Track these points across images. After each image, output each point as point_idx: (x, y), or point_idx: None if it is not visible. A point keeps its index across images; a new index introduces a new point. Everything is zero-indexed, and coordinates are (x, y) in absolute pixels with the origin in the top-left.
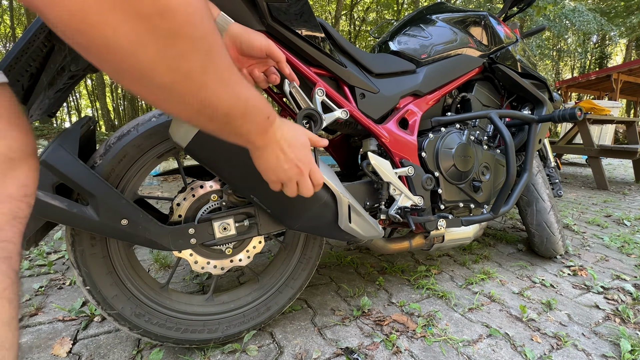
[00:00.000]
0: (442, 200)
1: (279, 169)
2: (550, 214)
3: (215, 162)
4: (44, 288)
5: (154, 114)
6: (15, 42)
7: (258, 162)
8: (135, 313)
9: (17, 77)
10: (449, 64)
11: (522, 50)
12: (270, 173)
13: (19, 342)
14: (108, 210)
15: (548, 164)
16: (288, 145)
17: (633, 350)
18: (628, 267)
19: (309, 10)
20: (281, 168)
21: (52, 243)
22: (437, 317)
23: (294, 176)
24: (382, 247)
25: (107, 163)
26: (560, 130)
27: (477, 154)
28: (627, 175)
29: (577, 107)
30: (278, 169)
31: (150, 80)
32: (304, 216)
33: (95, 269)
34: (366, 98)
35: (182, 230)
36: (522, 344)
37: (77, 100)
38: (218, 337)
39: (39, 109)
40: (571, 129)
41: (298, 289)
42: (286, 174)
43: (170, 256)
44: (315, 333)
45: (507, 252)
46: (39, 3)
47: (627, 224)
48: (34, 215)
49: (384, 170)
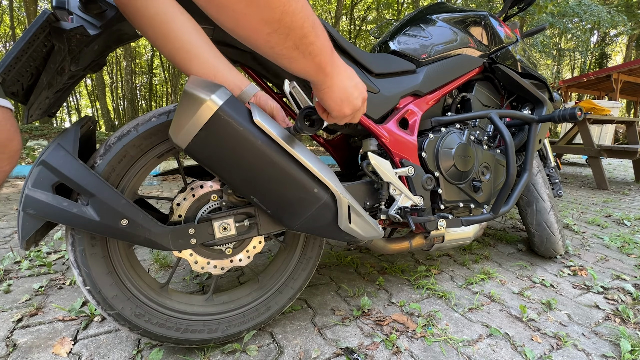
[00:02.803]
0: (442, 200)
1: (352, 98)
2: (550, 214)
3: (215, 163)
4: (44, 288)
5: (153, 114)
6: (15, 42)
7: (330, 94)
8: (135, 313)
9: (17, 77)
10: (449, 64)
11: (522, 50)
12: (345, 104)
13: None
14: (108, 210)
15: (548, 164)
16: (350, 71)
17: (633, 350)
18: (628, 267)
19: None
20: (353, 96)
21: (52, 243)
22: (437, 317)
23: (361, 104)
24: (382, 247)
25: (107, 163)
26: (560, 130)
27: (477, 154)
28: (627, 175)
29: (577, 107)
30: (351, 98)
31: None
32: (303, 216)
33: (95, 269)
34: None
35: (182, 230)
36: (522, 344)
37: (77, 100)
38: (218, 337)
39: (39, 109)
40: (571, 129)
41: (298, 289)
42: (357, 102)
43: (170, 256)
44: (315, 333)
45: (507, 252)
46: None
47: (627, 224)
48: (34, 215)
49: (384, 170)
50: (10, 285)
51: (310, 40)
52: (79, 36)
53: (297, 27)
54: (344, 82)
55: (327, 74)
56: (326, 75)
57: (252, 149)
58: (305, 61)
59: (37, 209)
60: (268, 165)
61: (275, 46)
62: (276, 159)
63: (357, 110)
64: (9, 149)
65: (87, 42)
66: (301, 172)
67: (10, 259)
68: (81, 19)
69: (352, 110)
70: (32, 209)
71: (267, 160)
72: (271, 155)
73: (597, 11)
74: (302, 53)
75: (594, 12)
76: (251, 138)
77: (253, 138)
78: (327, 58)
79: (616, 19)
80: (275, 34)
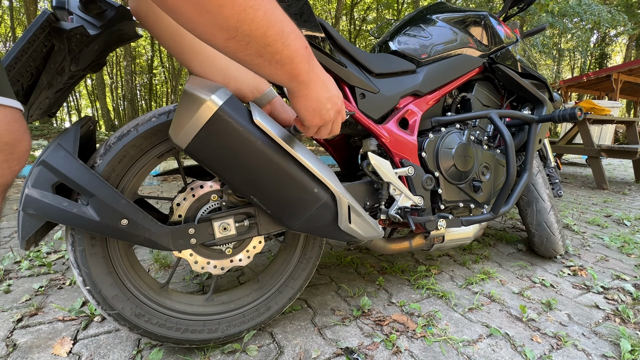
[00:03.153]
0: (442, 200)
1: (324, 109)
2: (550, 214)
3: (215, 163)
4: (44, 288)
5: (153, 114)
6: (15, 42)
7: (303, 102)
8: (135, 313)
9: (17, 77)
10: (449, 64)
11: (522, 50)
12: (316, 115)
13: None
14: (108, 210)
15: (548, 164)
16: (329, 81)
17: (633, 350)
18: (628, 267)
19: (309, 10)
20: (325, 108)
21: (52, 243)
22: (437, 317)
23: (334, 116)
24: (382, 247)
25: (107, 163)
26: (560, 130)
27: (477, 154)
28: (627, 175)
29: (577, 107)
30: (323, 109)
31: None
32: (303, 216)
33: (95, 269)
34: (366, 98)
35: (182, 230)
36: (522, 344)
37: (77, 100)
38: (218, 337)
39: (39, 109)
40: (571, 129)
41: (298, 289)
42: (329, 114)
43: (170, 256)
44: (315, 333)
45: (507, 252)
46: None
47: (627, 224)
48: (34, 215)
49: (384, 170)
50: (10, 285)
51: (275, 49)
52: (79, 36)
53: (258, 35)
54: (319, 93)
55: (302, 82)
56: (300, 84)
57: (252, 149)
58: (272, 68)
59: (37, 209)
60: (268, 165)
61: (236, 52)
62: (276, 159)
63: (329, 122)
64: (18, 150)
65: (87, 42)
66: (301, 172)
67: (10, 259)
68: (81, 19)
69: (321, 122)
70: (32, 209)
71: (267, 160)
72: (271, 155)
73: (597, 10)
74: (268, 61)
75: (595, 11)
76: (251, 138)
77: (253, 138)
78: (301, 66)
79: (617, 18)
80: (233, 41)
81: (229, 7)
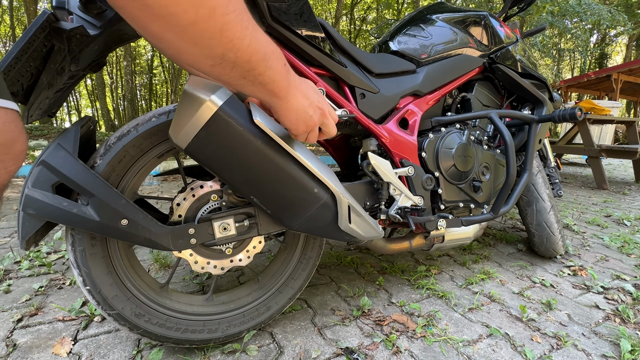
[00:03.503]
0: (442, 200)
1: (306, 116)
2: (550, 214)
3: (215, 163)
4: (44, 288)
5: (153, 114)
6: (15, 42)
7: (286, 115)
8: (135, 313)
9: (17, 77)
10: (449, 64)
11: (522, 50)
12: (300, 123)
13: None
14: (108, 210)
15: (548, 164)
16: (307, 89)
17: (633, 350)
18: (628, 267)
19: (309, 10)
20: (308, 115)
21: (52, 243)
22: (437, 317)
23: (318, 120)
24: (382, 247)
25: (107, 163)
26: (560, 130)
27: (477, 154)
28: (627, 175)
29: (577, 107)
30: (305, 116)
31: (175, 18)
32: (303, 216)
33: (95, 269)
34: (366, 98)
35: (182, 230)
36: (522, 344)
37: (77, 100)
38: (218, 337)
39: (39, 109)
40: (571, 129)
41: (298, 289)
42: (312, 120)
43: (170, 256)
44: (315, 333)
45: (507, 252)
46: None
47: (627, 224)
48: (34, 215)
49: (384, 170)
50: (10, 285)
51: (258, 72)
52: (79, 36)
53: (243, 61)
54: (299, 103)
55: (282, 98)
56: (280, 99)
57: (252, 149)
58: (254, 88)
59: (37, 209)
60: (268, 165)
61: (220, 75)
62: (276, 159)
63: (315, 126)
64: (14, 150)
65: (87, 42)
66: (301, 172)
67: (10, 259)
68: (81, 19)
69: (307, 128)
70: (32, 209)
71: (267, 160)
72: (271, 155)
73: (597, 10)
74: (251, 82)
75: (595, 11)
76: (251, 138)
77: (253, 138)
78: (281, 84)
79: (617, 17)
80: (218, 67)
81: (217, 39)
